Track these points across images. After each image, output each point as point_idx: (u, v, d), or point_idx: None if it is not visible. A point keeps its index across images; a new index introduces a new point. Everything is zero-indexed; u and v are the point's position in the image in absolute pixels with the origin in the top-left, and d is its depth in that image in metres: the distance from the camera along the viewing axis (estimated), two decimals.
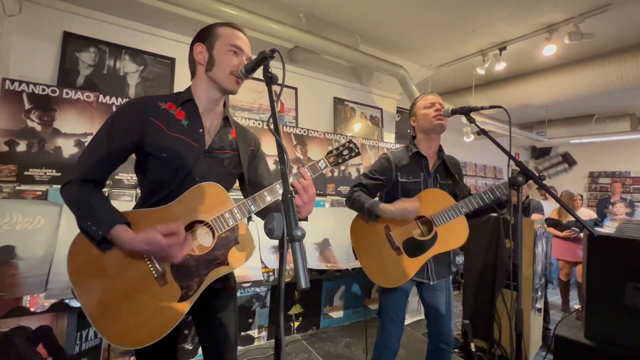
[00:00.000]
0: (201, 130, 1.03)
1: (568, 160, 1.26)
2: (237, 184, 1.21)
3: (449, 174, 1.64)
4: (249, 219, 1.07)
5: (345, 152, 1.16)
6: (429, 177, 1.58)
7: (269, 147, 2.85)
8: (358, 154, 1.17)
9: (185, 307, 0.93)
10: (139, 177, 1.05)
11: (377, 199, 1.60)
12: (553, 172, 1.27)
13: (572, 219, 3.56)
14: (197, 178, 1.00)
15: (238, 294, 2.46)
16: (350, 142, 1.17)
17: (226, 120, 1.12)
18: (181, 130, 1.00)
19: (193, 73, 1.07)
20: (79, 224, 0.89)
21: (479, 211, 1.48)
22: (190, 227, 0.98)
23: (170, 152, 0.97)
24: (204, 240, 1.00)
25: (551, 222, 3.74)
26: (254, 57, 0.93)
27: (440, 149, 1.63)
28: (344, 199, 2.98)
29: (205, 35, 1.03)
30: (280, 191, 0.99)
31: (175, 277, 0.93)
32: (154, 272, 0.92)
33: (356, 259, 1.59)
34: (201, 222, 0.98)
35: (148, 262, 0.92)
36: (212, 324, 1.08)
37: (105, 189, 2.06)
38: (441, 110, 1.53)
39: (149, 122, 0.97)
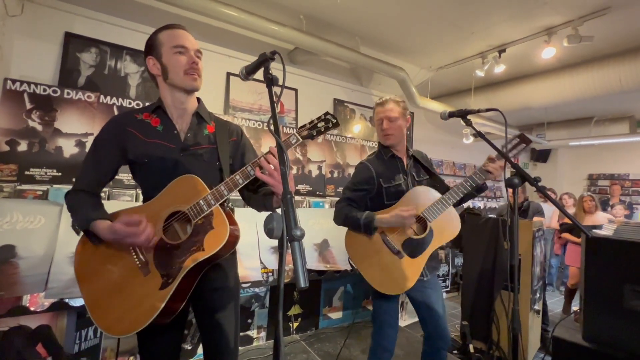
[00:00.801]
0: (175, 131, 1.09)
1: (524, 140, 1.43)
2: None
3: (422, 169, 1.67)
4: (225, 203, 1.09)
5: (321, 124, 1.12)
6: (407, 177, 1.60)
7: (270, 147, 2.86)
8: (336, 124, 1.14)
9: (165, 294, 0.95)
10: (137, 184, 1.13)
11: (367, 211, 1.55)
12: (515, 152, 1.42)
13: (592, 223, 3.39)
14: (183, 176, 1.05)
15: None
16: (327, 113, 1.15)
17: (199, 116, 1.14)
18: (158, 135, 1.07)
19: (156, 85, 1.12)
20: (78, 226, 1.01)
21: (462, 198, 1.52)
22: (170, 218, 1.03)
23: (150, 157, 1.04)
24: (183, 229, 1.04)
25: (567, 227, 3.56)
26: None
27: (408, 148, 1.66)
28: None
29: (151, 47, 1.06)
30: (252, 173, 1.01)
31: (157, 266, 0.98)
32: (138, 262, 0.99)
33: (353, 269, 1.56)
34: (179, 212, 1.02)
35: (133, 254, 1.00)
36: (212, 325, 1.09)
37: (105, 189, 2.06)
38: (387, 128, 1.55)
39: (127, 132, 1.05)
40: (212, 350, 1.10)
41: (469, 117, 1.42)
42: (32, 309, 1.63)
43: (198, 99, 1.17)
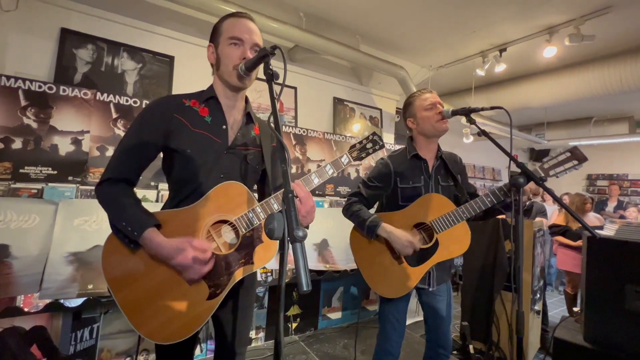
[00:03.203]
0: (224, 126, 1.04)
1: (577, 156, 1.17)
2: None
3: (449, 174, 1.57)
4: None
5: (369, 145, 1.15)
6: (429, 180, 1.51)
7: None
8: (382, 146, 1.17)
9: (213, 305, 0.95)
10: (166, 176, 1.06)
11: (374, 212, 1.50)
12: (561, 170, 1.22)
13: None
14: (222, 175, 1.01)
15: None
16: (374, 134, 1.17)
17: (249, 116, 1.11)
18: (205, 126, 1.01)
19: (214, 73, 1.09)
20: (112, 223, 0.92)
21: (486, 213, 1.43)
22: (216, 226, 0.99)
23: (194, 148, 0.98)
24: (229, 239, 1.01)
25: (559, 230, 3.35)
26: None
27: (439, 149, 1.57)
28: (344, 199, 2.97)
29: (213, 34, 1.04)
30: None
31: (204, 277, 0.95)
32: None
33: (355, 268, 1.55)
34: (226, 221, 0.99)
35: None
36: (234, 317, 1.09)
37: None
38: (442, 112, 1.47)
39: (174, 119, 0.98)
40: (230, 340, 1.10)
41: (472, 115, 1.39)
42: (26, 309, 1.60)
43: (246, 97, 1.13)
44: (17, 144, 1.88)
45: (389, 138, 4.01)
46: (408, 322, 3.11)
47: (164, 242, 0.88)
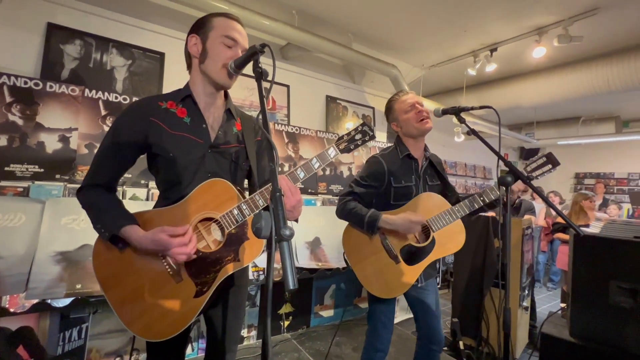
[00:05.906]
0: (204, 125, 1.02)
1: (552, 160, 1.32)
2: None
3: (436, 174, 1.60)
4: None
5: (358, 136, 1.11)
6: (419, 180, 1.53)
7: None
8: (373, 137, 1.12)
9: (200, 303, 0.95)
10: (155, 177, 1.06)
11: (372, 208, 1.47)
12: (540, 172, 1.34)
13: (587, 223, 3.25)
14: (209, 174, 1.00)
15: None
16: (363, 124, 1.12)
17: (229, 112, 1.09)
18: (184, 128, 0.99)
19: (189, 67, 1.05)
20: (103, 229, 0.92)
21: (473, 211, 1.46)
22: (204, 223, 0.99)
23: (175, 150, 0.97)
24: (218, 236, 1.00)
25: (560, 227, 3.41)
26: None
27: (425, 149, 1.58)
28: (336, 198, 2.97)
29: (199, 26, 1.01)
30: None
31: (190, 274, 0.95)
32: (169, 269, 0.94)
33: (347, 266, 1.51)
34: (211, 219, 0.98)
35: (163, 260, 0.95)
36: (225, 316, 1.09)
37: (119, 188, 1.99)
38: (423, 111, 1.48)
39: (151, 123, 0.97)
40: (219, 340, 1.10)
41: (462, 114, 1.41)
42: (12, 310, 1.56)
43: (225, 93, 1.11)
44: (2, 141, 1.84)
45: (381, 137, 4.02)
46: (400, 319, 3.14)
47: (141, 238, 0.88)
